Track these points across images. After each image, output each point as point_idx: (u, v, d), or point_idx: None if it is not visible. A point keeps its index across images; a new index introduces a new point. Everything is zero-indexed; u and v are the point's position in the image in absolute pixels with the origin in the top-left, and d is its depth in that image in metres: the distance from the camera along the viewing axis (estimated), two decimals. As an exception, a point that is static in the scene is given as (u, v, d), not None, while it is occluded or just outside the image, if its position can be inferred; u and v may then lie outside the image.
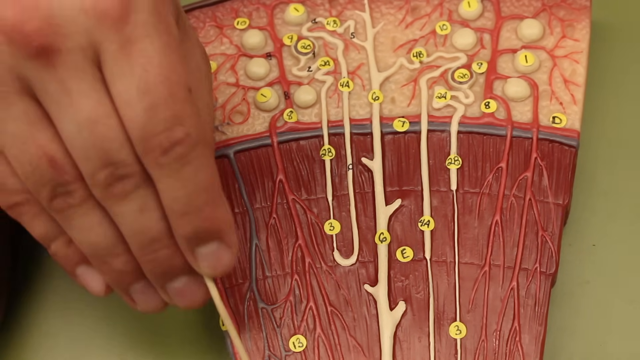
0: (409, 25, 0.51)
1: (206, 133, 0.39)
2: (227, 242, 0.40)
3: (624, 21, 0.53)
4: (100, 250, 0.40)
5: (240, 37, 0.51)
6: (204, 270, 0.40)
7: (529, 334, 0.43)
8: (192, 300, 0.41)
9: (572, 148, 0.46)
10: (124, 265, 0.40)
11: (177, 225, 0.39)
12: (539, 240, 0.45)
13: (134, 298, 0.42)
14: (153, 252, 0.39)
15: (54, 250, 0.41)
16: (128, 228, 0.39)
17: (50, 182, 0.38)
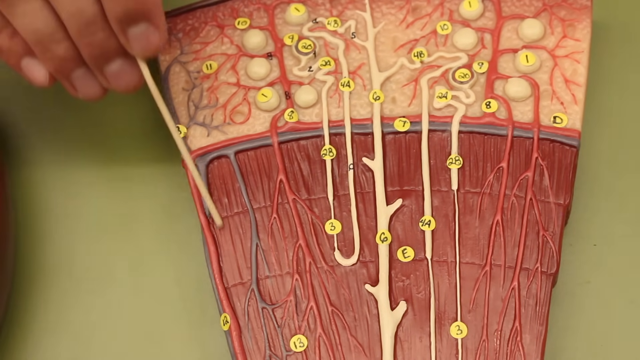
0: (410, 25, 0.51)
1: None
2: (155, 23, 0.44)
3: (625, 21, 0.53)
4: (42, 36, 0.43)
5: (241, 37, 0.51)
6: (136, 50, 0.44)
7: (530, 333, 0.43)
8: (128, 82, 0.45)
9: (573, 148, 0.47)
10: (65, 51, 0.43)
11: (108, 7, 0.42)
12: (540, 240, 0.45)
13: (75, 85, 0.45)
14: (90, 34, 0.43)
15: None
16: (66, 11, 0.42)
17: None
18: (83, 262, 0.48)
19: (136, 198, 0.50)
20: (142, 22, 0.43)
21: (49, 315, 0.47)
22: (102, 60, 0.44)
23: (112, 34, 0.43)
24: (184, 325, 0.46)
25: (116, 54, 0.44)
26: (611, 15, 0.53)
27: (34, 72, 0.45)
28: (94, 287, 0.48)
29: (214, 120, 0.49)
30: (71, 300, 0.47)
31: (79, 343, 0.46)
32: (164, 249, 0.48)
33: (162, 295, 0.47)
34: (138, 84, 0.45)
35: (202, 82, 0.50)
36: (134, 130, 0.52)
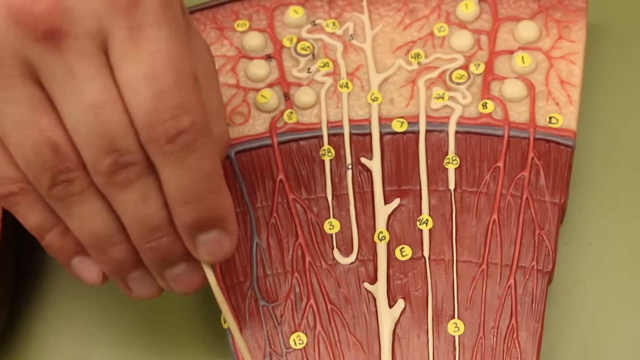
0: (407, 27, 0.51)
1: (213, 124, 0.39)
2: (227, 230, 0.40)
3: (620, 22, 0.53)
4: (100, 239, 0.39)
5: (240, 39, 0.51)
6: (204, 257, 0.40)
7: (526, 331, 0.43)
8: (189, 286, 0.41)
9: (568, 148, 0.47)
10: (123, 254, 0.40)
11: (179, 214, 0.38)
12: (536, 239, 0.45)
13: (130, 286, 0.41)
14: (154, 240, 0.39)
15: (48, 241, 0.40)
16: (130, 216, 0.38)
17: (51, 168, 0.37)
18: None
19: None
20: (215, 229, 0.39)
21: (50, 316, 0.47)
22: (163, 265, 0.40)
23: (177, 239, 0.39)
24: (185, 323, 0.46)
25: (180, 259, 0.40)
26: (606, 17, 0.53)
27: (86, 272, 0.41)
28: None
29: (214, 121, 0.49)
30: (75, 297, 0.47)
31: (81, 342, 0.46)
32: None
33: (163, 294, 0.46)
34: (200, 287, 0.41)
35: (202, 84, 0.50)
36: None
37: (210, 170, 0.38)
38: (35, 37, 0.35)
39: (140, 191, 0.38)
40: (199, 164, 0.37)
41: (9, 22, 0.35)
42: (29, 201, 0.39)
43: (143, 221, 0.38)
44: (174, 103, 0.36)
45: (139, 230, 0.39)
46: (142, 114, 0.36)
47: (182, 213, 0.38)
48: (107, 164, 0.37)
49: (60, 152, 0.37)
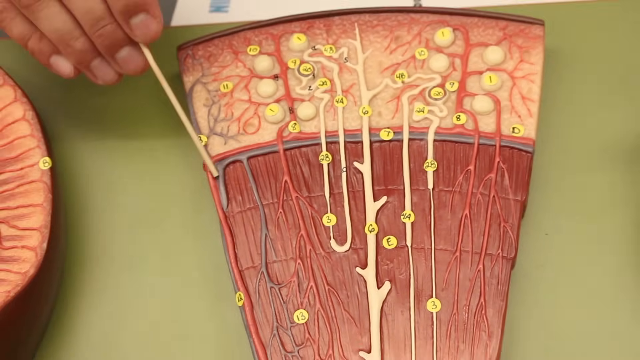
0: (393, 51, 0.51)
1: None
2: (153, 13, 0.45)
3: (572, 48, 0.53)
4: (62, 34, 0.45)
5: (252, 61, 0.51)
6: (139, 37, 0.45)
7: (492, 308, 0.43)
8: (136, 65, 0.46)
9: (528, 153, 0.47)
10: (82, 44, 0.45)
11: (112, 3, 0.44)
12: (501, 230, 0.45)
13: (95, 73, 0.46)
14: (100, 28, 0.44)
15: (31, 47, 0.46)
16: (79, 12, 0.44)
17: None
18: (121, 248, 0.48)
19: (166, 196, 0.50)
20: (141, 12, 0.45)
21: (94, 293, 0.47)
22: (112, 49, 0.46)
23: (118, 26, 0.45)
24: (205, 302, 0.46)
25: (124, 43, 0.46)
26: (561, 42, 0.53)
27: (61, 67, 0.47)
28: (130, 269, 0.47)
29: (230, 131, 0.49)
30: (111, 280, 0.47)
31: (117, 316, 0.46)
32: (189, 238, 0.48)
33: (186, 276, 0.47)
34: (145, 66, 0.47)
35: (220, 99, 0.50)
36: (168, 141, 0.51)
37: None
38: None
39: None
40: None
41: None
42: (11, 16, 0.45)
43: (89, 14, 0.44)
44: None
45: (88, 21, 0.44)
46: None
47: (113, 3, 0.44)
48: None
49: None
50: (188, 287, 0.47)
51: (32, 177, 0.46)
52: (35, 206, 0.45)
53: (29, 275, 0.43)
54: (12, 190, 0.46)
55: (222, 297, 0.46)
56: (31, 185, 0.46)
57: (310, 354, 0.42)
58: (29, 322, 0.44)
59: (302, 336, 0.43)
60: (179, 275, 0.47)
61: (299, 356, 0.42)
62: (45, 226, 0.44)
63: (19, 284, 0.43)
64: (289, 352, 0.42)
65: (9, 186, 0.46)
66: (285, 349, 0.43)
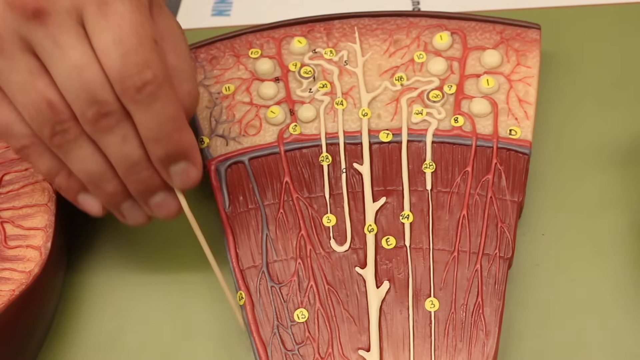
0: (392, 54, 0.51)
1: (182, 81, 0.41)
2: (193, 161, 0.41)
3: (568, 51, 0.53)
4: (94, 177, 0.41)
5: (253, 64, 0.51)
6: (177, 184, 0.42)
7: (490, 307, 0.43)
8: (169, 211, 0.43)
9: (525, 155, 0.47)
10: (114, 188, 0.41)
11: (152, 150, 0.40)
12: (498, 231, 0.45)
13: (124, 214, 0.43)
14: (136, 173, 0.41)
15: (57, 183, 0.42)
16: (114, 156, 0.40)
17: (49, 121, 0.39)
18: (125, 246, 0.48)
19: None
20: (182, 160, 0.41)
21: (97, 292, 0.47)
22: (146, 194, 0.42)
23: (155, 172, 0.41)
24: (207, 301, 0.46)
25: (158, 188, 0.42)
26: (556, 46, 0.53)
27: (89, 205, 0.43)
28: (133, 268, 0.47)
29: (232, 132, 0.49)
30: (114, 279, 0.47)
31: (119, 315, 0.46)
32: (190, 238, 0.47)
33: (189, 275, 0.47)
34: (177, 212, 0.43)
35: (222, 101, 0.50)
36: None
37: (173, 113, 0.39)
38: (27, 16, 0.38)
39: (120, 134, 0.39)
40: (163, 108, 0.39)
41: (5, 7, 0.38)
42: (38, 151, 0.41)
43: (125, 159, 0.40)
44: (137, 60, 0.38)
45: (123, 166, 0.40)
46: (114, 71, 0.38)
47: (154, 149, 0.40)
48: (92, 113, 0.38)
49: (55, 107, 0.39)
50: (190, 286, 0.47)
51: (37, 178, 0.46)
52: (39, 206, 0.45)
53: (33, 274, 0.43)
54: (17, 191, 0.46)
55: (223, 296, 0.46)
56: (36, 185, 0.46)
57: (310, 352, 0.42)
58: (33, 320, 0.44)
59: (302, 335, 0.43)
60: (181, 274, 0.47)
61: (299, 354, 0.42)
62: (50, 226, 0.44)
63: (24, 282, 0.43)
64: (289, 351, 0.42)
65: (14, 186, 0.46)
66: (285, 347, 0.42)
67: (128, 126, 0.39)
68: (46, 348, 0.45)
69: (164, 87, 0.39)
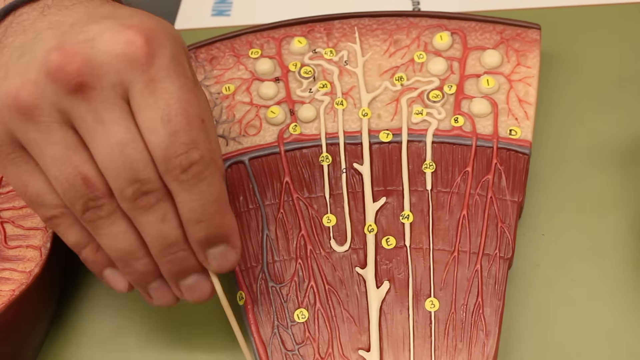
0: (392, 54, 0.51)
1: (216, 156, 0.39)
2: (232, 244, 0.40)
3: (567, 52, 0.53)
4: (124, 254, 0.39)
5: (254, 64, 0.51)
6: (214, 268, 0.40)
7: (490, 307, 0.43)
8: (201, 295, 0.41)
9: (525, 155, 0.47)
10: (144, 267, 0.40)
11: (192, 231, 0.38)
12: (498, 231, 0.45)
13: (151, 294, 0.41)
14: (171, 254, 0.39)
15: (84, 256, 0.41)
16: (151, 235, 0.38)
17: (83, 197, 0.38)
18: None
19: None
20: (222, 244, 0.39)
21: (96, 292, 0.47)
22: (179, 276, 0.40)
23: (191, 253, 0.39)
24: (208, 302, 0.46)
25: (193, 270, 0.40)
26: (556, 47, 0.53)
27: (115, 282, 0.41)
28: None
29: (232, 132, 0.49)
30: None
31: (119, 315, 0.46)
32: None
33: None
34: (210, 296, 0.41)
35: (222, 102, 0.50)
36: None
37: (218, 195, 0.38)
38: (69, 90, 0.36)
39: (159, 213, 0.38)
40: (208, 190, 0.38)
41: (47, 79, 0.36)
42: (68, 223, 0.39)
43: (162, 238, 0.38)
44: (185, 140, 0.37)
45: (159, 246, 0.39)
46: (160, 150, 0.37)
47: (194, 231, 0.38)
48: (132, 191, 0.37)
49: (90, 183, 0.37)
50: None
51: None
52: (40, 206, 0.45)
53: (33, 274, 0.43)
54: (17, 191, 0.46)
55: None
56: (36, 185, 0.46)
57: (310, 352, 0.42)
58: (33, 320, 0.44)
59: (302, 335, 0.43)
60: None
61: (299, 354, 0.42)
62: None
63: (24, 282, 0.43)
64: (290, 351, 0.42)
65: (14, 186, 0.46)
66: (285, 348, 0.42)
67: (168, 206, 0.38)
68: (46, 348, 0.45)
69: (209, 167, 0.38)
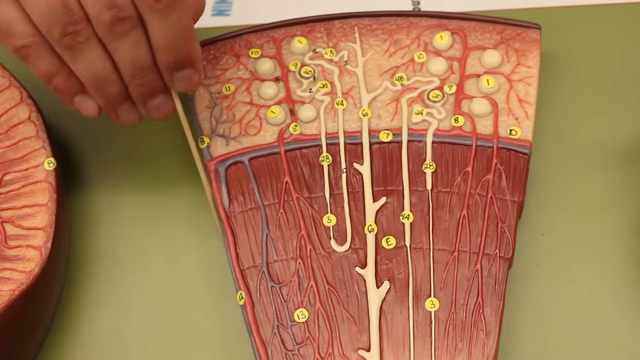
0: (392, 54, 0.51)
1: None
2: (197, 68, 0.44)
3: (568, 51, 0.53)
4: (99, 78, 0.42)
5: (254, 64, 0.51)
6: (178, 89, 0.44)
7: (490, 307, 0.43)
8: (165, 112, 0.45)
9: (525, 155, 0.47)
10: (116, 90, 0.43)
11: (162, 56, 0.42)
12: (499, 231, 0.45)
13: (119, 115, 0.44)
14: (142, 77, 0.42)
15: (55, 84, 0.42)
16: (125, 59, 0.41)
17: (62, 21, 0.39)
18: (125, 247, 0.48)
19: (170, 195, 0.50)
20: (188, 67, 0.43)
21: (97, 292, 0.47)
22: (147, 96, 0.44)
23: (159, 76, 0.43)
24: (207, 300, 0.46)
25: (159, 91, 0.44)
26: (556, 46, 0.53)
27: (86, 107, 0.44)
28: (133, 268, 0.47)
29: (232, 132, 0.49)
30: (114, 279, 0.47)
31: (120, 315, 0.46)
32: (191, 237, 0.48)
33: (189, 275, 0.47)
34: (172, 113, 0.45)
35: (222, 101, 0.50)
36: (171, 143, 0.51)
37: (186, 24, 0.42)
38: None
39: (133, 39, 0.41)
40: (178, 19, 0.41)
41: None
42: (39, 52, 0.41)
43: (135, 62, 0.42)
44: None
45: (131, 69, 0.42)
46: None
47: (164, 55, 0.42)
48: (109, 17, 0.40)
49: (69, 8, 0.39)
50: (190, 286, 0.47)
51: (37, 178, 0.46)
52: (40, 206, 0.45)
53: (33, 274, 0.43)
54: (17, 190, 0.46)
55: (223, 296, 0.46)
56: (36, 185, 0.46)
57: (310, 352, 0.42)
58: (33, 320, 0.44)
59: (303, 335, 0.43)
60: (182, 274, 0.47)
61: (299, 354, 0.42)
62: (50, 226, 0.44)
63: (24, 282, 0.42)
64: (290, 351, 0.42)
65: (14, 186, 0.46)
66: (285, 347, 0.42)
67: (141, 32, 0.41)
68: (46, 348, 0.45)
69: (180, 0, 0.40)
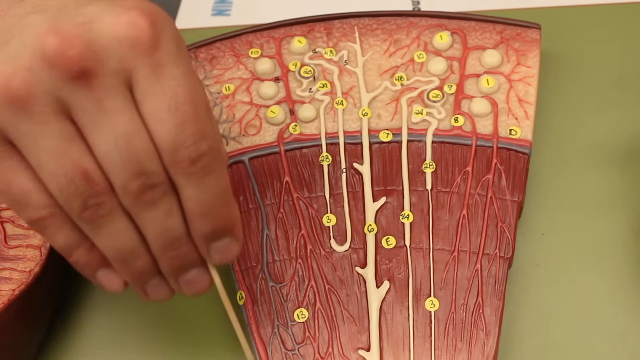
0: (392, 54, 0.51)
1: (221, 146, 0.37)
2: (236, 236, 0.38)
3: (567, 51, 0.53)
4: (124, 253, 0.37)
5: (253, 64, 0.51)
6: (216, 261, 0.38)
7: (490, 307, 0.43)
8: (200, 288, 0.39)
9: (525, 155, 0.47)
10: (144, 264, 0.37)
11: (198, 225, 0.37)
12: (498, 231, 0.45)
13: (148, 292, 0.39)
14: (174, 249, 0.37)
15: (76, 258, 0.38)
16: (154, 230, 0.36)
17: (82, 193, 0.35)
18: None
19: None
20: (226, 237, 0.38)
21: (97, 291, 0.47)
22: (179, 271, 0.38)
23: (193, 248, 0.38)
24: (207, 301, 0.46)
25: (193, 265, 0.38)
26: (556, 46, 0.53)
27: (110, 282, 0.38)
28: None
29: (232, 132, 0.49)
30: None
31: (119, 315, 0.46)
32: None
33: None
34: (208, 288, 0.39)
35: (222, 101, 0.50)
36: None
37: (224, 187, 0.37)
38: (69, 77, 0.34)
39: (164, 208, 0.36)
40: (216, 182, 0.36)
41: (43, 65, 0.34)
42: (57, 224, 0.36)
43: (166, 234, 0.36)
44: (194, 130, 0.35)
45: (162, 242, 0.37)
46: (167, 141, 0.34)
47: (200, 225, 0.37)
48: (137, 185, 0.35)
49: (91, 178, 0.35)
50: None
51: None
52: (39, 206, 0.45)
53: (33, 274, 0.43)
54: (17, 190, 0.46)
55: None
56: (36, 185, 0.46)
57: (310, 352, 0.42)
58: (33, 319, 0.44)
59: (302, 334, 0.43)
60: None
61: (299, 354, 0.42)
62: (50, 226, 0.44)
63: (24, 282, 0.42)
64: (289, 350, 0.42)
65: (14, 186, 0.46)
66: (285, 347, 0.42)
67: (173, 199, 0.36)
68: (46, 348, 0.45)
69: (217, 158, 0.35)
